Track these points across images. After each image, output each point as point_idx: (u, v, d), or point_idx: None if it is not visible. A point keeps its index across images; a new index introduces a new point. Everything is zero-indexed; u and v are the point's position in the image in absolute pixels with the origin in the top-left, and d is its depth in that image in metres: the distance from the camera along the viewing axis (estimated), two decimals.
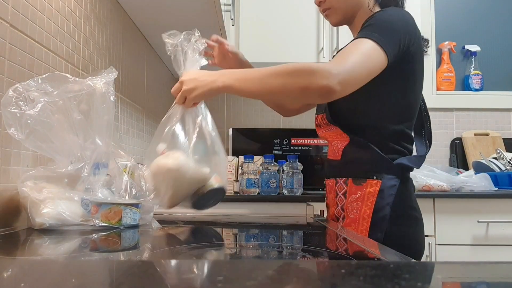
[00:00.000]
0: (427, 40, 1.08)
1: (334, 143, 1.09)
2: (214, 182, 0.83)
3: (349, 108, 1.03)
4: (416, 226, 1.02)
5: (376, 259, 0.53)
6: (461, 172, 2.07)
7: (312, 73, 0.84)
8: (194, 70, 0.92)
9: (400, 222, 0.98)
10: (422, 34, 1.03)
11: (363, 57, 0.88)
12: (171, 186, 0.81)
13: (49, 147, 0.79)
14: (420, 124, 1.12)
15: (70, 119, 0.82)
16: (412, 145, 1.06)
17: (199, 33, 0.93)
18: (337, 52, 0.99)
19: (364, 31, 0.94)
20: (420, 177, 1.89)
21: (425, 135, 1.11)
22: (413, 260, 0.53)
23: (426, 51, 1.07)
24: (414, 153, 1.07)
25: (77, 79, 0.83)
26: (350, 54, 0.88)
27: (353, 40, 0.95)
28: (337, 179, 1.07)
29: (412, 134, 1.06)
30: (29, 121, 0.75)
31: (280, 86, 0.86)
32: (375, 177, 0.99)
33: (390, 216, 0.96)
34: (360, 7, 1.07)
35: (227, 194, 0.87)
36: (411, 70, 1.00)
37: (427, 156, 1.08)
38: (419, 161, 1.04)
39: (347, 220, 1.01)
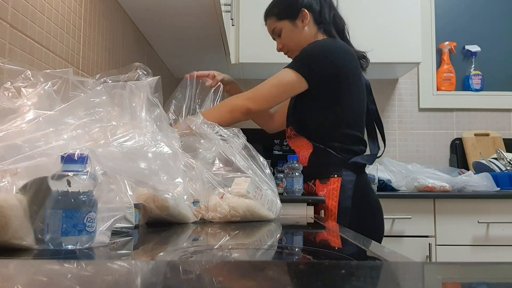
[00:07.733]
0: (364, 58, 1.35)
1: (301, 152, 1.32)
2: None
3: (309, 121, 1.28)
4: (374, 214, 1.25)
5: (376, 259, 0.53)
6: (463, 173, 2.07)
7: (236, 97, 1.25)
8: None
9: (360, 211, 1.20)
10: (421, 34, 1.11)
11: (275, 80, 1.23)
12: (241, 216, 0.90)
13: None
14: (372, 130, 1.39)
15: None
16: (363, 145, 1.29)
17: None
18: None
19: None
20: (422, 177, 1.88)
21: (377, 139, 1.37)
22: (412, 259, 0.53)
23: (364, 69, 1.35)
24: (368, 152, 1.31)
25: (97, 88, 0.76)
26: (267, 81, 1.24)
27: None
28: (308, 182, 1.30)
29: (364, 137, 1.30)
30: None
31: (220, 111, 1.23)
32: (336, 175, 1.22)
33: (352, 206, 1.18)
34: (311, 42, 1.29)
35: None
36: (345, 89, 1.24)
37: (427, 156, 1.15)
38: (372, 158, 1.28)
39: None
